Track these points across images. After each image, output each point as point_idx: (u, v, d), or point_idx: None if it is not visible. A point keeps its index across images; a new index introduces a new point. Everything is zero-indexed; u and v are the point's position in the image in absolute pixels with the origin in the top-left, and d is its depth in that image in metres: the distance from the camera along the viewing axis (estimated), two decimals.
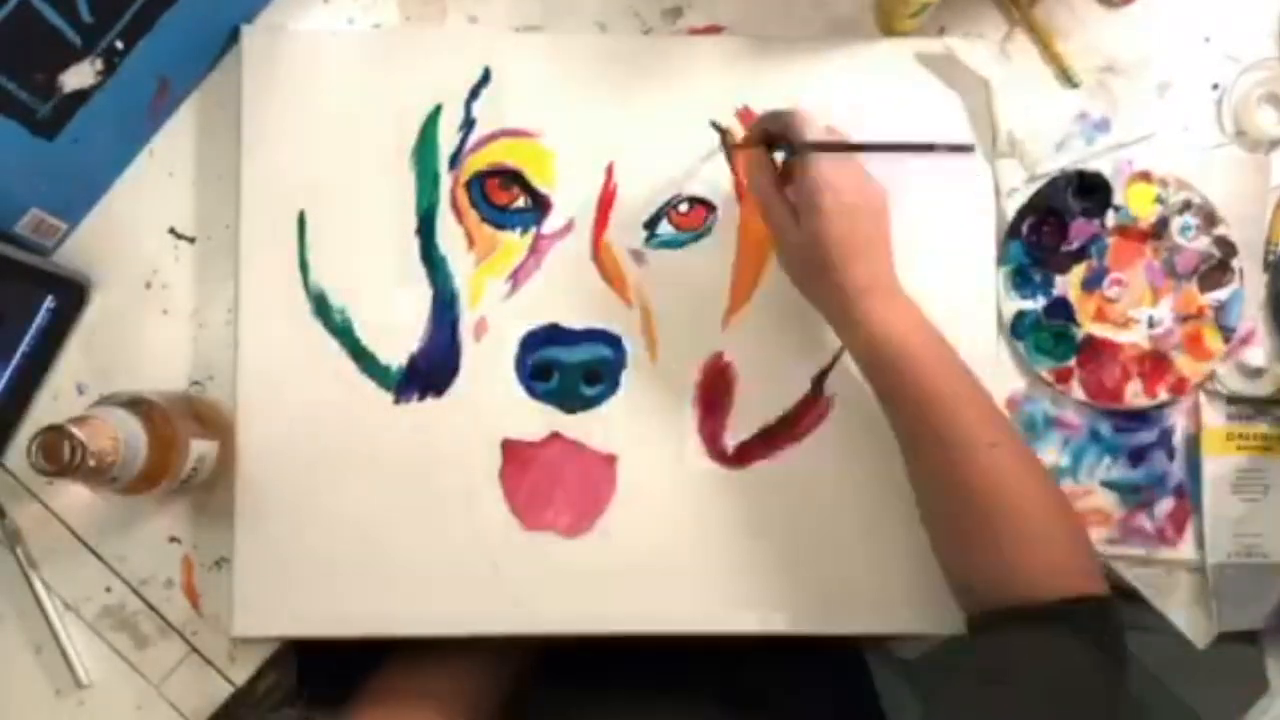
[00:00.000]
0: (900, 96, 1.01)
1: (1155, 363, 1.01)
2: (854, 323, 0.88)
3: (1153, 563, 1.02)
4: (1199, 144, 1.03)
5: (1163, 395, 1.01)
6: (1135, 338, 1.01)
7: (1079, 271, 1.01)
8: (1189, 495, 1.02)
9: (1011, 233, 1.01)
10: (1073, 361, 1.01)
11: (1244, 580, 1.01)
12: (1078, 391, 1.01)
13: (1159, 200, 1.01)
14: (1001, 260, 1.01)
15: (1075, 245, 1.01)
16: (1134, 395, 1.01)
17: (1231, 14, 1.03)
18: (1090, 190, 1.01)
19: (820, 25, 1.02)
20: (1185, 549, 1.02)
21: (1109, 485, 1.01)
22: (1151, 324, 1.01)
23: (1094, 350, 1.01)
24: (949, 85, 1.01)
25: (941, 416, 0.87)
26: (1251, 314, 1.02)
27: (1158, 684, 1.09)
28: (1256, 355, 1.02)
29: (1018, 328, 1.01)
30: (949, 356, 0.89)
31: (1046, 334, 1.01)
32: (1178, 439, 1.02)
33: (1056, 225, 1.01)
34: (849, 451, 0.99)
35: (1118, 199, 1.01)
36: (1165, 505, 1.02)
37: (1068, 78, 1.02)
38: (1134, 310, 1.01)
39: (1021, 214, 1.01)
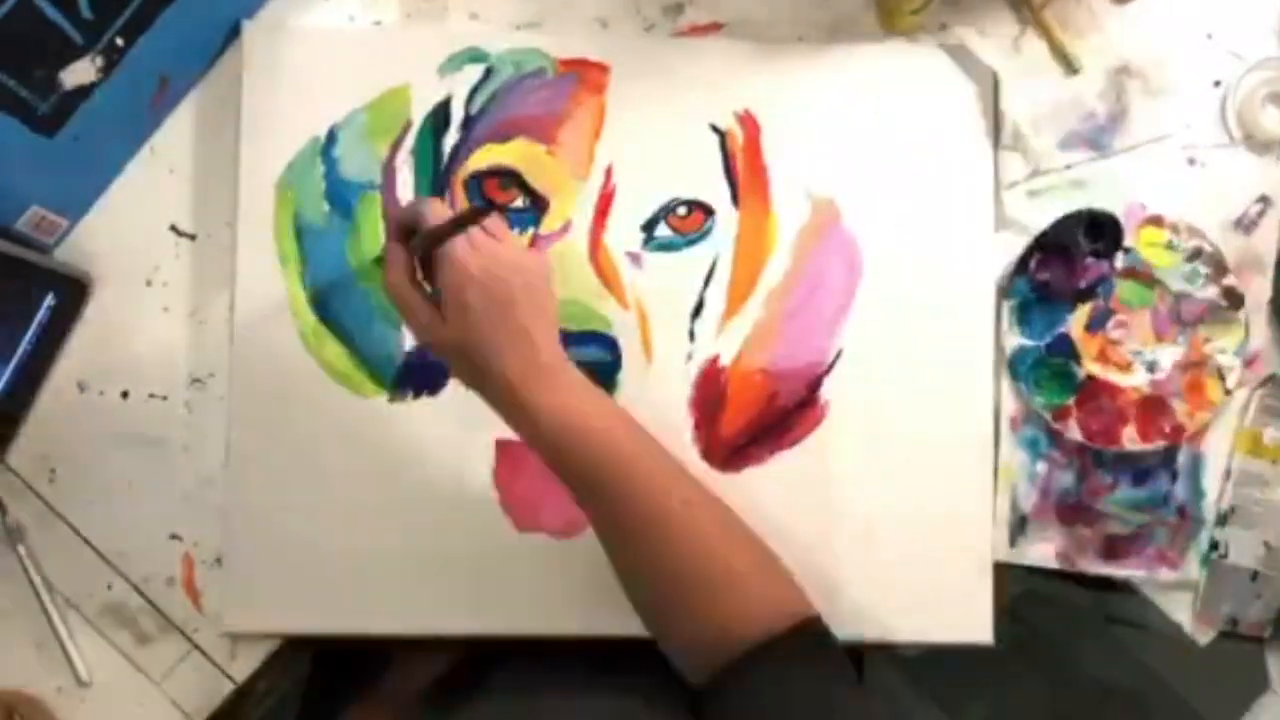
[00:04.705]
0: (901, 96, 1.01)
1: (1154, 408, 1.00)
2: (521, 414, 0.84)
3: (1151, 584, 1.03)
4: (1203, 143, 1.02)
5: (1158, 442, 1.00)
6: (1136, 381, 1.01)
7: (1084, 311, 1.01)
8: (1191, 516, 1.02)
9: (1019, 269, 1.01)
10: (1071, 401, 1.00)
11: (1254, 585, 1.02)
12: (1074, 431, 1.00)
13: (1170, 246, 1.00)
14: (1006, 294, 1.01)
15: (1083, 285, 1.01)
16: (1129, 439, 1.00)
17: (1233, 10, 1.03)
18: (1101, 230, 1.00)
19: (821, 22, 1.02)
20: (1186, 570, 1.02)
21: (1113, 505, 1.01)
22: (1152, 369, 1.01)
23: (1093, 391, 1.00)
24: (958, 72, 1.01)
25: (632, 485, 0.84)
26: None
27: (1158, 681, 1.08)
28: None
29: (1018, 363, 1.00)
30: (624, 424, 0.86)
31: (1047, 371, 1.01)
32: (1180, 460, 1.02)
33: (1065, 263, 1.01)
34: (844, 457, 0.99)
35: (1128, 241, 1.00)
36: (1168, 526, 1.01)
37: (1069, 65, 1.02)
38: (1136, 354, 1.01)
39: (1030, 250, 1.01)
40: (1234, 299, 1.00)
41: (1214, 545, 1.01)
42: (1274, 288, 1.01)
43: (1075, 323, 1.01)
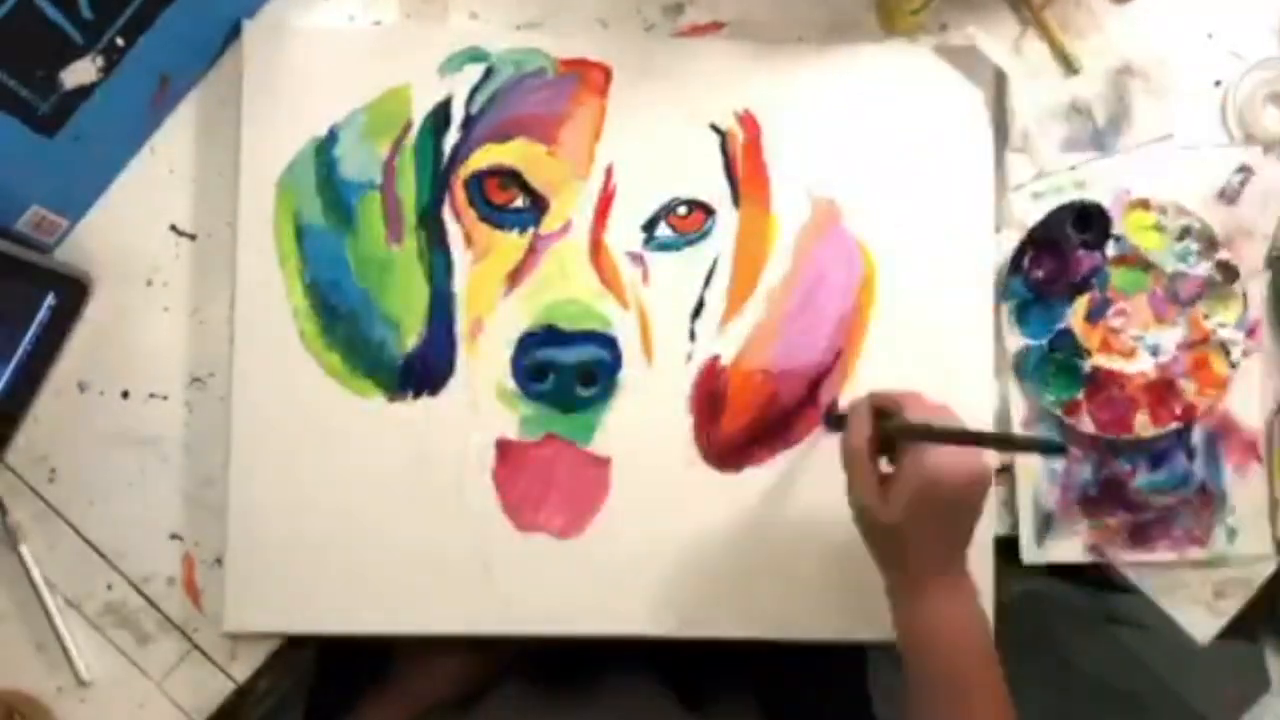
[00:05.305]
0: (901, 96, 1.01)
1: (1163, 391, 1.00)
2: (912, 603, 0.87)
3: (1178, 565, 1.03)
4: (1205, 142, 1.02)
5: (1171, 424, 1.00)
6: (1142, 367, 1.01)
7: (1082, 303, 1.01)
8: (1213, 493, 1.02)
9: (1013, 269, 1.01)
10: (1080, 394, 1.00)
11: None
12: (1087, 424, 1.00)
13: (1158, 227, 1.01)
14: (1004, 296, 1.01)
15: (1077, 277, 1.01)
16: (1143, 426, 1.00)
17: (1233, 10, 1.03)
18: (1089, 221, 1.00)
19: (822, 23, 1.02)
20: (1214, 547, 1.02)
21: (1136, 492, 1.01)
22: (1156, 353, 1.01)
23: (1101, 382, 1.00)
24: (958, 72, 1.01)
25: (958, 705, 0.85)
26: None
27: (1158, 681, 1.09)
28: None
29: (1023, 363, 1.00)
30: (985, 647, 0.87)
31: (1052, 367, 1.01)
32: (1195, 439, 1.02)
33: (1057, 258, 1.01)
34: None
35: (1117, 229, 1.00)
36: (1191, 505, 1.02)
37: (1069, 65, 1.02)
38: (1138, 339, 1.01)
39: (1021, 248, 1.00)
40: (1228, 272, 1.01)
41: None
42: (1272, 284, 1.02)
43: (1074, 316, 1.01)
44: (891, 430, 0.87)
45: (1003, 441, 0.94)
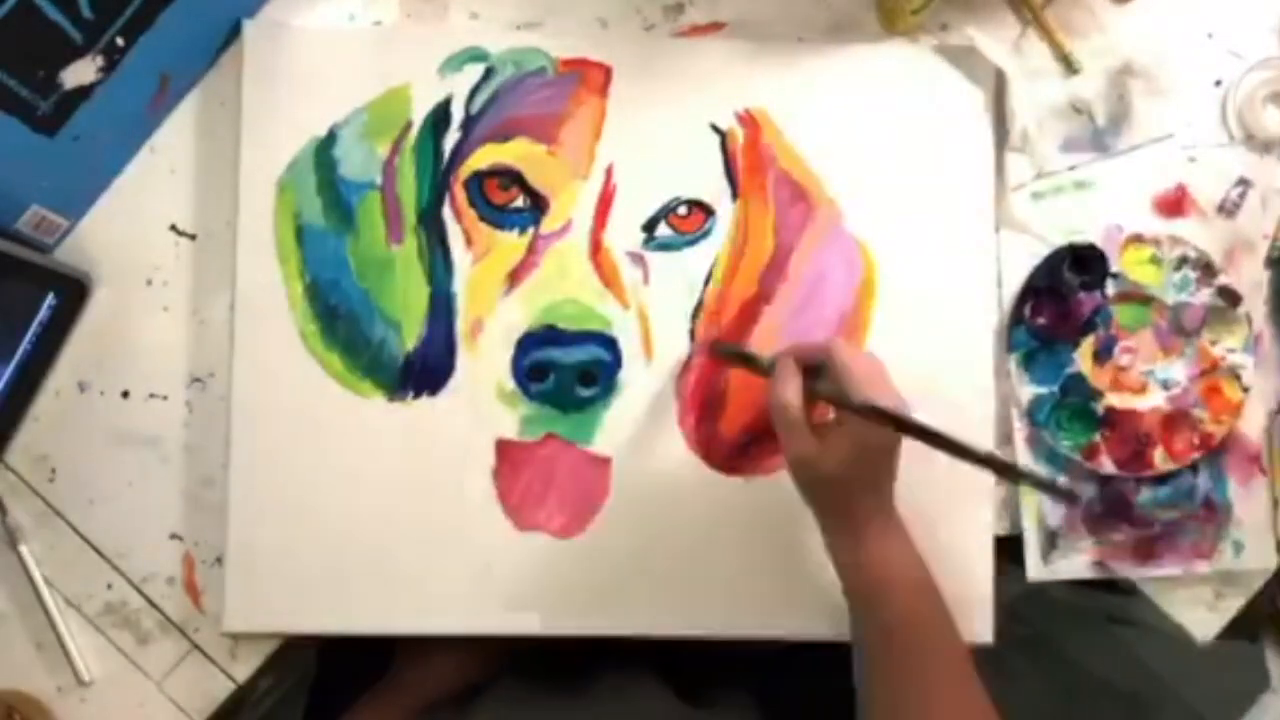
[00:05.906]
0: (901, 96, 1.01)
1: (1178, 424, 1.00)
2: (853, 546, 0.89)
3: (1186, 579, 1.03)
4: (1205, 142, 1.02)
5: (1191, 456, 1.00)
6: (1154, 402, 1.01)
7: (1088, 345, 1.01)
8: (1218, 507, 1.02)
9: (1015, 320, 1.01)
10: (1098, 437, 1.00)
11: None
12: (1108, 466, 1.00)
13: (1155, 260, 1.01)
14: (1010, 347, 1.01)
15: (1081, 320, 1.01)
16: (1162, 460, 1.00)
17: (1233, 10, 1.03)
18: (1086, 263, 1.00)
19: (822, 23, 1.02)
20: (1221, 561, 1.02)
21: (1140, 508, 1.01)
22: (1168, 385, 1.01)
23: (1116, 422, 1.00)
24: (958, 72, 1.01)
25: (911, 639, 0.88)
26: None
27: (1158, 681, 1.08)
28: None
29: (1036, 412, 1.00)
30: (929, 585, 0.90)
31: (1066, 413, 1.01)
32: None
33: (1058, 304, 1.00)
34: None
35: (1114, 266, 1.00)
36: (1197, 519, 1.01)
37: (1070, 65, 1.02)
38: (1148, 374, 1.01)
39: (1022, 298, 1.00)
40: (1230, 297, 1.01)
41: None
42: (1272, 284, 1.02)
43: (1082, 359, 1.01)
44: (825, 397, 0.89)
45: (942, 444, 0.88)
